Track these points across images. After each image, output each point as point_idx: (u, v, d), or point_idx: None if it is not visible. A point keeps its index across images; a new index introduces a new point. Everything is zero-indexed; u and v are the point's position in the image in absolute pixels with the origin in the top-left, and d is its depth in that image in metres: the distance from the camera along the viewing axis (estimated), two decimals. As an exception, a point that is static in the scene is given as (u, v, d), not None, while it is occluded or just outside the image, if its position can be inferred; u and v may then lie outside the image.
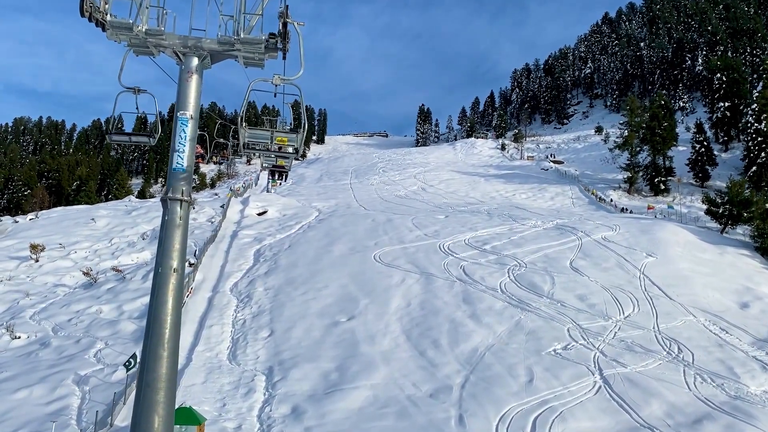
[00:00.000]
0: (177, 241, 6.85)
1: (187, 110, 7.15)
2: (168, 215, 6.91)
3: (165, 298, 6.68)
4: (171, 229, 6.86)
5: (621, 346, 22.78)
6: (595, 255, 32.98)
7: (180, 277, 6.84)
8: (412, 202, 62.32)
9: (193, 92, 7.25)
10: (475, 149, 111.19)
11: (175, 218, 6.88)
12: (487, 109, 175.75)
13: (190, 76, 7.25)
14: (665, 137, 71.79)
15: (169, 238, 6.84)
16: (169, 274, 6.73)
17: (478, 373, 20.91)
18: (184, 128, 7.09)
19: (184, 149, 7.05)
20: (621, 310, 26.09)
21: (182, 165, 7.02)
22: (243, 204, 53.19)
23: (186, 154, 7.06)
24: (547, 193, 69.18)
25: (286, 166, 16.08)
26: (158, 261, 6.81)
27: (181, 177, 7.01)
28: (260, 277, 32.86)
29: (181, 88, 7.24)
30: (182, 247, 6.91)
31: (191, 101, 7.21)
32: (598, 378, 20.46)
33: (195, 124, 7.22)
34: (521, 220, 43.06)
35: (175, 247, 6.82)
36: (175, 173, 7.01)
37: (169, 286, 6.71)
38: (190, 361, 22.96)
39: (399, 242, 37.71)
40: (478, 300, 27.01)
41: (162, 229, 6.93)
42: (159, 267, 6.77)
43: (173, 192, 6.94)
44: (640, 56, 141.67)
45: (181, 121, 7.11)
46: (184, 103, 7.18)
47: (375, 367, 21.71)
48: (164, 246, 6.82)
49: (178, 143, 7.06)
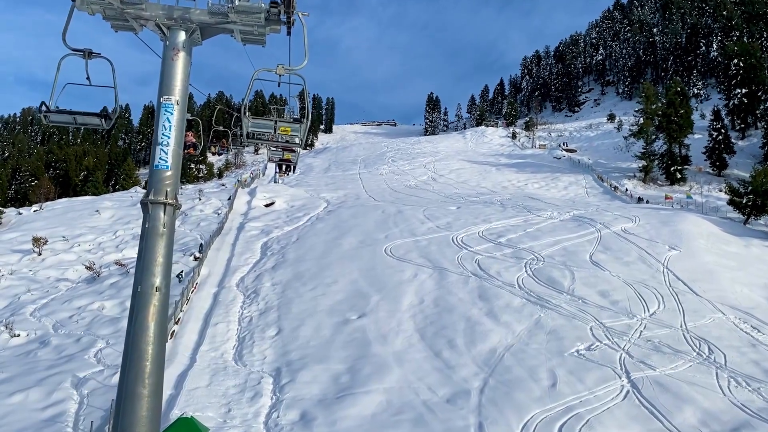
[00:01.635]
0: (160, 254, 5.65)
1: (172, 94, 5.94)
2: (149, 222, 5.70)
3: (145, 324, 5.48)
4: (153, 238, 5.66)
5: (648, 347, 21.51)
6: (616, 248, 31.64)
7: (164, 297, 5.65)
8: (423, 193, 61.04)
9: (180, 73, 6.03)
10: (486, 138, 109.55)
11: (157, 225, 5.68)
12: (496, 97, 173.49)
13: (176, 53, 6.03)
14: (682, 125, 69.99)
15: (151, 250, 5.64)
16: (151, 295, 5.54)
17: (497, 376, 19.73)
18: (168, 117, 5.88)
19: (169, 142, 5.85)
20: (646, 307, 24.80)
21: (166, 161, 5.82)
22: (250, 195, 52.12)
23: (171, 148, 5.85)
24: (561, 183, 67.70)
25: (293, 159, 15.05)
26: (137, 278, 5.62)
27: (166, 176, 5.81)
28: (267, 272, 31.79)
29: (166, 68, 6.02)
30: (167, 261, 5.71)
31: (177, 84, 5.99)
32: (626, 382, 19.23)
33: (182, 111, 6.00)
34: (536, 211, 41.70)
35: (157, 260, 5.63)
36: (157, 171, 5.81)
37: (149, 309, 5.51)
38: (194, 362, 21.92)
39: (410, 235, 36.50)
40: (494, 296, 25.79)
41: (142, 239, 5.73)
42: (138, 285, 5.58)
43: (155, 194, 5.74)
44: (652, 42, 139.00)
45: (164, 108, 5.90)
46: (168, 86, 5.96)
47: (388, 369, 20.58)
48: (145, 259, 5.63)
49: (162, 135, 5.85)
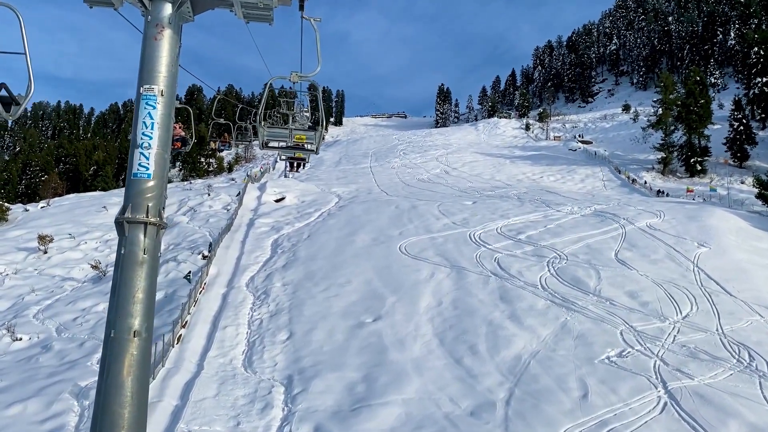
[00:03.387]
0: (140, 288, 4.40)
1: (154, 83, 4.67)
2: (125, 247, 4.44)
3: (119, 380, 4.23)
4: (131, 268, 4.41)
5: (683, 353, 20.14)
6: (642, 245, 30.18)
7: (145, 345, 4.40)
8: (436, 187, 59.68)
9: (165, 56, 4.75)
10: (499, 129, 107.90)
11: (136, 252, 4.43)
12: (508, 88, 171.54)
13: (160, 31, 4.75)
14: (702, 115, 68.12)
15: (128, 284, 4.39)
16: (127, 341, 4.29)
17: (523, 386, 18.45)
18: (150, 112, 4.61)
19: (151, 144, 4.58)
20: (678, 309, 23.40)
21: (148, 168, 4.55)
22: (260, 190, 50.97)
23: (154, 152, 4.59)
24: (577, 175, 66.13)
25: (305, 157, 14.11)
26: (110, 319, 4.38)
27: (147, 187, 4.55)
28: (278, 271, 30.62)
29: (147, 50, 4.74)
30: (149, 298, 4.46)
31: (162, 70, 4.72)
32: (663, 392, 17.89)
33: (169, 104, 4.73)
34: (555, 206, 40.26)
35: (136, 296, 4.38)
36: (136, 182, 4.54)
37: (125, 360, 4.26)
38: (202, 369, 20.78)
39: (425, 231, 35.19)
40: (517, 298, 24.47)
41: (117, 269, 4.49)
42: (111, 329, 4.34)
43: (134, 210, 4.48)
44: (668, 31, 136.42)
45: (145, 100, 4.63)
46: (150, 72, 4.69)
47: (406, 378, 19.34)
48: (120, 295, 4.39)
49: (142, 135, 4.58)
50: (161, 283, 30.66)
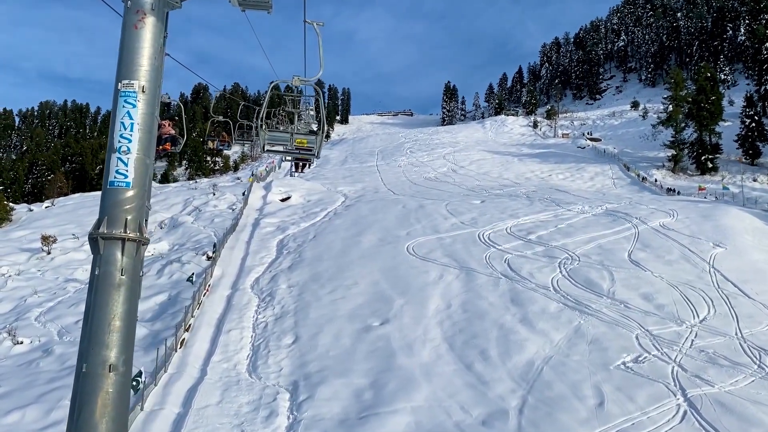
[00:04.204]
0: (117, 315, 3.81)
1: (135, 78, 4.08)
2: (100, 266, 3.86)
3: (92, 423, 3.62)
4: (106, 292, 3.82)
5: (702, 358, 19.44)
6: (656, 245, 29.46)
7: (123, 381, 3.79)
8: (443, 185, 59.01)
9: (148, 47, 4.16)
10: (506, 127, 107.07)
11: (112, 272, 3.83)
12: (515, 85, 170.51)
13: (141, 18, 4.16)
14: (713, 112, 67.13)
15: (103, 309, 3.80)
16: (102, 377, 3.70)
17: (536, 394, 17.81)
18: (129, 111, 4.03)
19: (130, 148, 3.99)
20: (695, 312, 22.69)
21: (126, 176, 3.96)
22: (265, 189, 50.49)
23: (134, 157, 4.00)
24: (586, 173, 65.30)
25: (310, 158, 13.56)
26: (82, 350, 3.78)
27: (126, 197, 3.95)
28: (283, 272, 30.06)
29: (127, 40, 4.16)
30: (127, 326, 3.86)
31: (143, 63, 4.13)
32: (682, 400, 17.20)
33: (152, 103, 4.15)
34: (566, 205, 39.55)
35: (113, 324, 3.79)
36: (113, 191, 3.95)
37: (98, 399, 3.67)
38: (205, 375, 20.24)
39: (433, 231, 34.56)
40: (528, 301, 23.81)
41: (90, 292, 3.89)
42: (83, 362, 3.75)
43: (110, 225, 3.89)
44: (676, 27, 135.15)
45: (124, 97, 4.04)
46: (130, 65, 4.10)
47: (415, 385, 18.74)
48: (93, 323, 3.79)
49: (120, 138, 4.00)
50: (165, 285, 30.23)
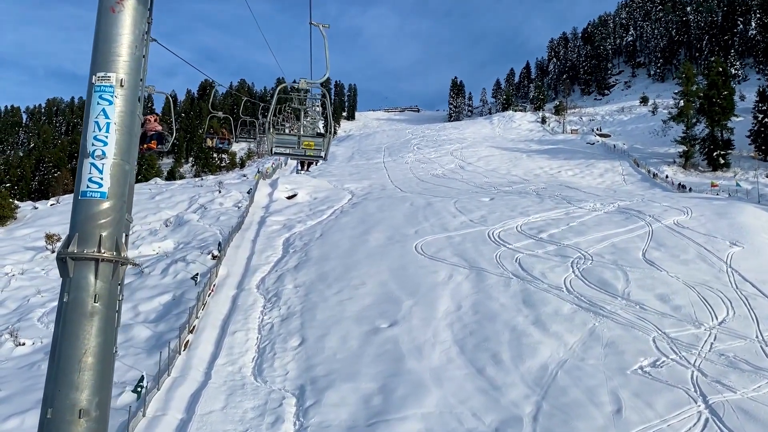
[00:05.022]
0: (89, 350, 3.23)
1: (112, 70, 3.49)
2: (70, 293, 3.28)
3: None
4: (75, 323, 3.23)
5: (722, 363, 18.76)
6: (671, 244, 28.72)
7: (98, 428, 3.21)
8: (451, 182, 58.33)
9: (127, 34, 3.57)
10: (514, 123, 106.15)
11: (83, 299, 3.26)
12: (522, 80, 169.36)
13: (119, 1, 3.56)
14: (725, 107, 66.11)
15: (72, 344, 3.22)
16: (69, 425, 3.12)
17: (551, 400, 17.20)
18: (105, 108, 3.44)
19: (106, 152, 3.41)
20: (713, 314, 21.98)
21: (101, 185, 3.38)
22: (272, 187, 49.97)
23: (110, 162, 3.41)
24: (596, 170, 64.48)
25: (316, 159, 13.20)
26: (47, 393, 3.21)
27: (100, 211, 3.37)
28: (289, 272, 29.52)
29: (103, 25, 3.56)
30: (102, 362, 3.27)
31: (122, 52, 3.54)
32: (703, 407, 16.56)
33: (132, 99, 3.56)
34: (577, 202, 38.81)
35: (84, 361, 3.21)
36: (86, 203, 3.37)
37: (65, 453, 3.10)
38: (209, 379, 19.72)
39: (442, 230, 33.92)
40: (541, 302, 23.16)
41: (58, 323, 3.32)
42: (48, 407, 3.17)
43: (81, 242, 3.31)
44: (686, 21, 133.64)
45: (99, 93, 3.45)
46: (106, 55, 3.51)
47: (425, 390, 18.16)
48: (59, 361, 3.22)
49: (93, 140, 3.42)
50: (169, 285, 29.74)
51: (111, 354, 3.35)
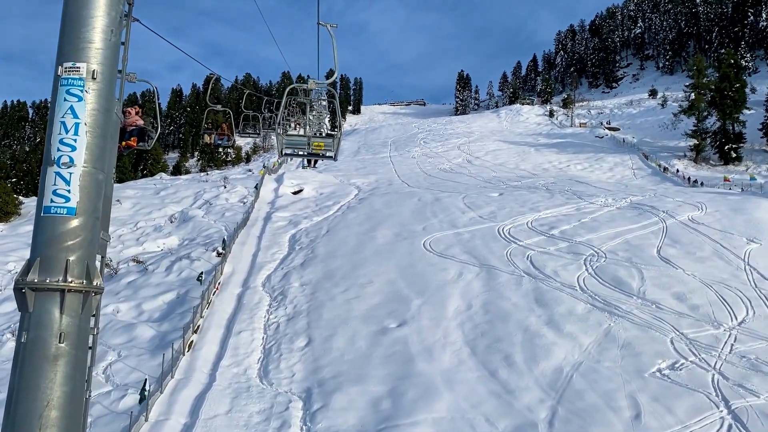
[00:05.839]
0: (52, 403, 2.64)
1: (82, 59, 2.91)
2: (29, 331, 2.70)
3: None
4: (36, 369, 2.65)
5: (744, 365, 18.11)
6: (686, 241, 28.01)
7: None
8: (459, 177, 57.64)
9: (102, 16, 2.98)
10: (521, 116, 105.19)
11: (45, 340, 2.67)
12: (529, 73, 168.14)
13: (91, -24, 2.96)
14: (737, 100, 65.09)
15: (30, 396, 2.63)
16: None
17: (567, 404, 16.60)
18: (74, 105, 2.85)
19: (74, 159, 2.82)
20: (732, 313, 21.30)
21: (68, 198, 2.79)
22: (277, 182, 49.43)
23: (79, 171, 2.82)
24: (605, 164, 63.66)
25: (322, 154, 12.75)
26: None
27: (67, 230, 2.78)
28: (296, 270, 28.98)
29: (71, 7, 2.97)
30: (69, 418, 2.68)
31: (94, 38, 2.95)
32: (725, 412, 15.92)
33: (107, 94, 2.96)
34: (588, 198, 38.09)
35: (47, 416, 2.62)
36: (50, 221, 2.79)
37: None
38: (214, 381, 19.21)
39: (451, 226, 33.29)
40: (554, 301, 22.53)
41: (14, 369, 2.73)
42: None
43: (44, 269, 2.73)
44: (695, 13, 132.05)
45: (67, 86, 2.87)
46: (74, 41, 2.92)
47: (436, 393, 17.59)
48: (17, 415, 2.63)
49: (59, 144, 2.83)
50: (174, 283, 29.24)
51: (80, 405, 2.77)
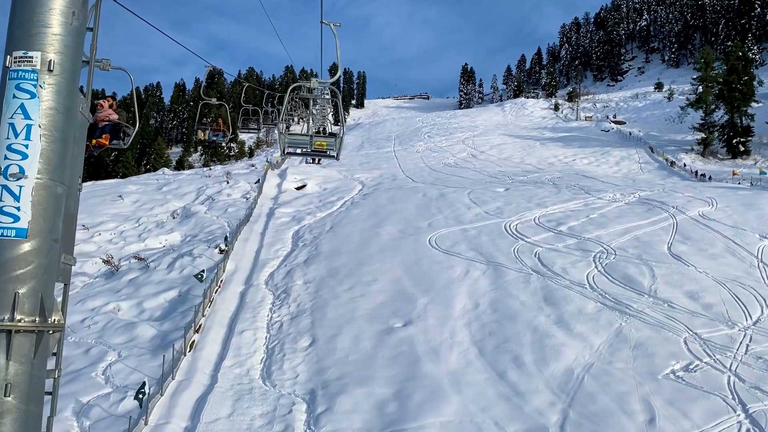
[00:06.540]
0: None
1: (35, 47, 2.39)
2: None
3: None
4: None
5: (760, 366, 17.58)
6: (697, 237, 27.46)
7: None
8: (464, 172, 57.04)
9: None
10: (526, 110, 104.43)
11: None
12: (534, 67, 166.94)
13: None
14: (745, 93, 64.25)
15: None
16: None
17: (578, 407, 16.11)
18: (25, 104, 2.34)
19: (26, 170, 2.31)
20: (747, 312, 20.76)
21: (18, 217, 2.28)
22: (280, 177, 48.97)
23: (32, 184, 2.31)
24: (612, 158, 62.98)
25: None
26: None
27: (18, 255, 2.27)
28: (299, 267, 28.51)
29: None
30: None
31: (52, 21, 2.44)
32: (743, 416, 15.41)
33: (68, 89, 2.45)
34: (595, 193, 37.51)
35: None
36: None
37: None
38: (216, 382, 18.76)
39: (456, 222, 32.76)
40: (563, 300, 22.01)
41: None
42: None
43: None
44: (702, 5, 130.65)
45: (17, 80, 2.35)
46: (26, 26, 2.41)
47: (443, 396, 17.13)
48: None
49: (7, 149, 2.32)
50: (175, 280, 28.79)
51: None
